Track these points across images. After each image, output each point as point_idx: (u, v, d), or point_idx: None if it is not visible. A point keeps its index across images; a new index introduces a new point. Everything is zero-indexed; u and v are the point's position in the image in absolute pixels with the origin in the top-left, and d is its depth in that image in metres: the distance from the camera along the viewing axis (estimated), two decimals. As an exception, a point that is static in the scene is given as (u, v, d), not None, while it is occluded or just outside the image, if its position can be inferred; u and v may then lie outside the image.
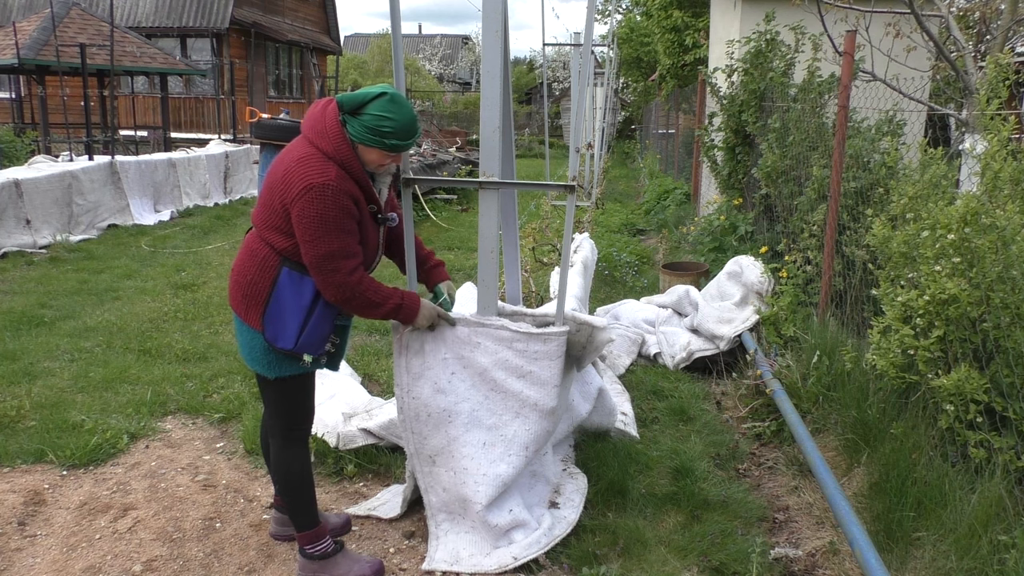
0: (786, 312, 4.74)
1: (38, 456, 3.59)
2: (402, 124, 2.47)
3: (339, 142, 2.47)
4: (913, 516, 2.82)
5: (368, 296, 2.56)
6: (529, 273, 5.79)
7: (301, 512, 2.75)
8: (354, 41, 49.96)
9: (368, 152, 2.51)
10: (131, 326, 5.65)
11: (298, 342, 2.54)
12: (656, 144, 19.95)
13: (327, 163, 2.46)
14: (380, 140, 2.46)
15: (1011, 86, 3.65)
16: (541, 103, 27.99)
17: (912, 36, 5.90)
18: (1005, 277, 2.95)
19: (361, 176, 2.52)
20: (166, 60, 15.56)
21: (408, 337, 2.93)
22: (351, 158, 2.48)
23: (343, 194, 2.44)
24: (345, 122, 2.49)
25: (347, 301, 2.54)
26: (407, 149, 2.56)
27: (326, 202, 2.41)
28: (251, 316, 2.57)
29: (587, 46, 3.14)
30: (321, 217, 2.41)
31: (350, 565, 2.76)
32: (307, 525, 2.74)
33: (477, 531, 2.94)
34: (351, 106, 2.48)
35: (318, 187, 2.40)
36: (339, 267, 2.47)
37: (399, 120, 2.46)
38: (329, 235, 2.43)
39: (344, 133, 2.48)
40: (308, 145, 2.50)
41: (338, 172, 2.46)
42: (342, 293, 2.51)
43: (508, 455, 2.93)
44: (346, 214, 2.46)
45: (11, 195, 8.16)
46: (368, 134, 2.46)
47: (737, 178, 7.66)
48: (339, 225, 2.44)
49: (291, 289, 2.54)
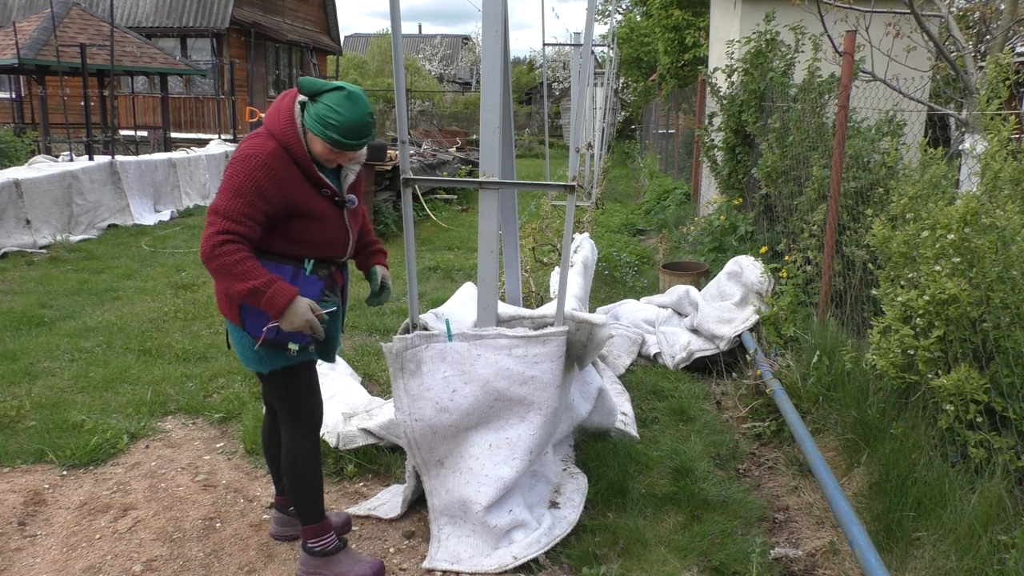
0: (786, 312, 4.74)
1: (38, 456, 3.59)
2: (348, 122, 2.44)
3: (285, 123, 2.48)
4: (913, 516, 2.82)
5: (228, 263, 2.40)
6: (529, 273, 5.79)
7: (307, 504, 2.74)
8: (354, 41, 49.96)
9: (314, 142, 2.50)
10: (131, 326, 5.65)
11: (279, 330, 2.52)
12: (656, 144, 19.95)
13: (268, 139, 2.48)
14: (323, 132, 2.45)
15: (1011, 86, 3.65)
16: (541, 103, 27.99)
17: (912, 36, 5.90)
18: (1005, 277, 2.95)
19: (303, 158, 2.50)
20: (166, 60, 15.57)
21: (404, 358, 2.92)
22: (294, 139, 2.48)
23: (266, 168, 2.43)
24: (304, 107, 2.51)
25: (209, 259, 2.43)
26: (352, 150, 2.52)
27: (244, 166, 2.42)
28: (233, 313, 2.58)
29: (587, 46, 3.15)
30: (231, 176, 2.44)
31: (351, 564, 2.75)
32: (313, 518, 2.74)
33: (478, 534, 2.94)
34: (309, 90, 2.48)
35: (247, 155, 2.44)
36: (214, 222, 2.42)
37: (347, 117, 2.44)
38: (227, 193, 2.43)
39: (293, 116, 2.49)
40: (263, 126, 2.55)
41: (275, 150, 2.46)
42: (204, 247, 2.42)
43: (512, 458, 2.93)
44: (256, 185, 2.42)
45: (11, 195, 8.17)
46: (315, 123, 2.46)
47: (737, 178, 7.66)
48: (240, 189, 2.41)
49: None
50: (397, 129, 2.95)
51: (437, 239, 9.69)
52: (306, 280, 2.58)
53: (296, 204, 2.52)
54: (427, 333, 2.97)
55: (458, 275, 7.61)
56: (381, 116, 27.51)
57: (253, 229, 2.46)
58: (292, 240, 2.55)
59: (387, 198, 10.25)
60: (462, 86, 46.25)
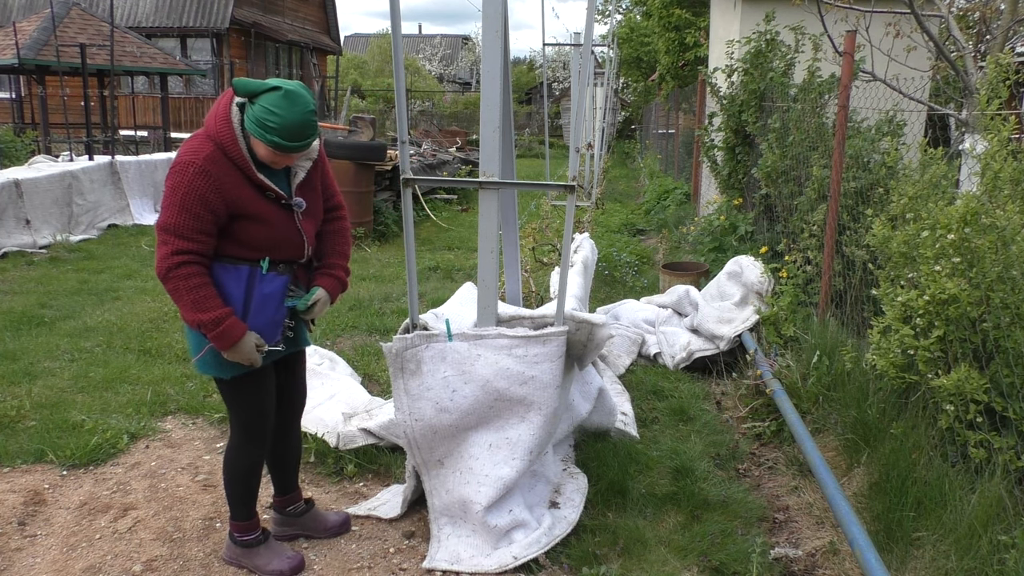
0: (786, 312, 4.74)
1: (38, 456, 3.59)
2: (288, 123, 2.36)
3: (222, 123, 2.42)
4: (913, 516, 2.82)
5: (179, 285, 2.41)
6: (529, 273, 5.79)
7: (239, 504, 2.80)
8: (354, 41, 49.94)
9: (257, 146, 2.44)
10: (131, 326, 5.65)
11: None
12: (656, 144, 19.95)
13: (205, 142, 2.43)
14: (263, 135, 2.38)
15: (1011, 86, 3.65)
16: (541, 103, 28.00)
17: (912, 36, 5.90)
18: (1005, 277, 2.95)
19: (241, 160, 2.44)
20: (166, 60, 15.56)
21: (404, 358, 2.92)
22: (231, 141, 2.42)
23: (204, 175, 2.38)
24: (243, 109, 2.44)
25: (163, 280, 2.43)
26: (294, 152, 2.45)
27: (183, 177, 2.38)
28: None
29: (587, 46, 3.14)
30: (173, 188, 2.40)
31: (271, 557, 2.80)
32: (242, 516, 2.81)
33: (478, 534, 2.94)
34: (244, 91, 2.41)
35: (183, 164, 2.39)
36: (167, 240, 2.40)
37: (285, 118, 2.36)
38: (173, 208, 2.39)
39: (230, 116, 2.44)
40: (202, 129, 2.49)
41: (212, 153, 2.41)
42: (159, 269, 2.41)
43: (512, 459, 2.93)
44: (197, 195, 2.38)
45: (11, 195, 8.16)
46: (254, 126, 2.39)
47: (737, 178, 7.66)
48: (184, 203, 2.37)
49: (224, 280, 2.51)
50: (397, 129, 2.95)
51: (437, 239, 9.69)
52: (263, 278, 2.55)
53: (238, 207, 2.46)
54: (427, 333, 2.97)
55: (458, 275, 7.61)
56: (381, 116, 27.51)
57: (205, 243, 2.44)
58: (240, 243, 2.51)
59: (387, 198, 10.25)
60: (462, 86, 46.24)
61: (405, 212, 3.06)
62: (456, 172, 13.77)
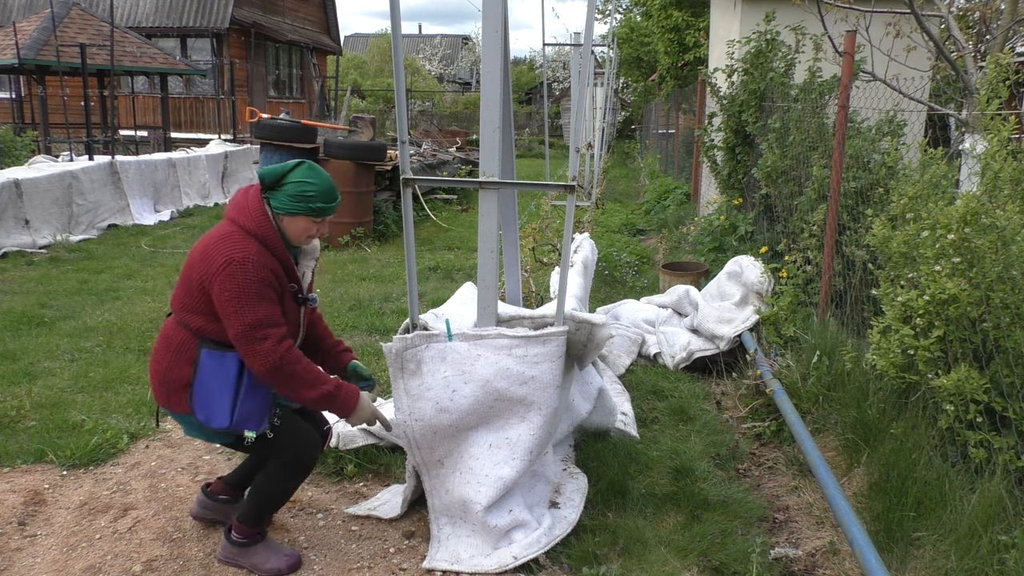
0: (786, 312, 4.74)
1: (38, 456, 3.59)
2: (324, 188, 2.58)
3: (260, 218, 2.54)
4: (913, 516, 2.82)
5: (296, 369, 2.53)
6: (529, 273, 5.79)
7: (261, 515, 2.81)
8: (354, 41, 49.95)
9: (294, 223, 2.58)
10: (131, 326, 5.65)
11: (233, 418, 2.55)
12: (656, 144, 19.95)
13: (248, 239, 2.52)
14: (306, 205, 2.55)
15: (1011, 86, 3.65)
16: (541, 103, 27.98)
17: (912, 36, 5.90)
18: (1005, 277, 2.95)
19: (283, 253, 2.58)
20: (166, 60, 15.57)
21: (404, 358, 2.93)
22: (272, 234, 2.55)
23: (263, 267, 2.50)
24: (268, 200, 2.57)
25: (275, 371, 2.50)
26: (330, 214, 2.64)
27: (247, 274, 2.46)
28: (174, 402, 2.61)
29: (587, 46, 3.14)
30: (242, 288, 2.46)
31: (268, 555, 2.80)
32: (255, 524, 2.80)
33: (478, 534, 2.94)
34: (272, 179, 2.57)
35: (238, 261, 2.46)
36: (267, 335, 2.48)
37: (320, 184, 2.57)
38: (252, 304, 2.47)
39: (265, 210, 2.56)
40: (230, 224, 2.57)
41: (259, 248, 2.52)
42: (270, 362, 2.48)
43: (512, 459, 2.93)
44: (267, 285, 2.50)
45: (11, 195, 8.17)
46: (293, 202, 2.54)
47: (737, 178, 7.66)
48: (261, 294, 2.49)
49: (214, 368, 2.55)
50: (397, 129, 2.95)
51: (437, 239, 9.69)
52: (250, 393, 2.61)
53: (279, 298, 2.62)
54: (427, 333, 2.97)
55: (458, 275, 7.61)
56: (381, 116, 27.51)
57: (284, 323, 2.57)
58: None
59: (387, 198, 10.25)
60: (462, 86, 46.24)
61: (405, 212, 3.06)
62: (456, 172, 13.77)
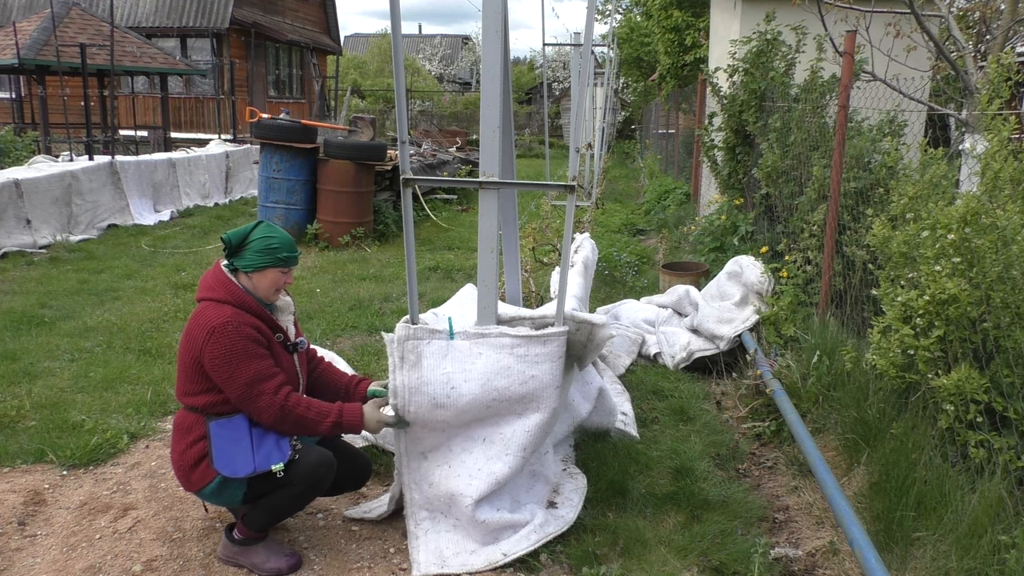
0: (786, 312, 4.74)
1: (38, 456, 3.59)
2: (285, 240, 2.79)
3: (227, 284, 2.72)
4: (913, 516, 2.82)
5: (300, 412, 2.68)
6: (529, 273, 5.79)
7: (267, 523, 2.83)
8: (354, 41, 49.92)
9: (263, 277, 2.74)
10: (131, 326, 5.65)
11: (256, 461, 2.66)
12: (656, 144, 19.95)
13: (221, 306, 2.68)
14: (273, 256, 2.72)
15: (1012, 86, 3.65)
16: (541, 103, 27.99)
17: (912, 36, 5.90)
18: (1005, 277, 2.95)
19: (257, 308, 2.73)
20: (166, 60, 15.56)
21: (405, 348, 2.92)
22: (242, 293, 2.72)
23: (243, 325, 2.65)
24: (233, 267, 2.75)
25: (281, 420, 2.66)
26: (294, 263, 2.81)
27: (230, 336, 2.61)
28: (196, 479, 2.72)
29: (587, 46, 3.14)
30: (229, 350, 2.60)
31: (268, 555, 2.82)
32: (258, 529, 2.83)
33: (459, 529, 2.93)
34: (236, 240, 2.73)
35: (219, 327, 2.62)
36: (263, 390, 2.63)
37: (282, 237, 2.78)
38: (243, 363, 2.61)
39: (229, 277, 2.74)
40: (202, 303, 2.72)
41: (233, 310, 2.68)
42: (273, 413, 2.65)
43: (505, 454, 2.93)
44: (252, 341, 2.64)
45: (11, 195, 8.16)
46: (260, 256, 2.71)
47: (737, 178, 7.66)
48: (249, 352, 2.63)
49: (224, 431, 2.68)
50: (397, 129, 2.95)
51: (437, 239, 9.69)
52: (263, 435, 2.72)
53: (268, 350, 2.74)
54: (430, 328, 2.96)
55: (458, 275, 7.61)
56: (381, 116, 27.51)
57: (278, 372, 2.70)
58: None
59: (387, 198, 10.24)
60: (462, 86, 46.23)
61: (405, 212, 3.06)
62: (456, 172, 13.77)
